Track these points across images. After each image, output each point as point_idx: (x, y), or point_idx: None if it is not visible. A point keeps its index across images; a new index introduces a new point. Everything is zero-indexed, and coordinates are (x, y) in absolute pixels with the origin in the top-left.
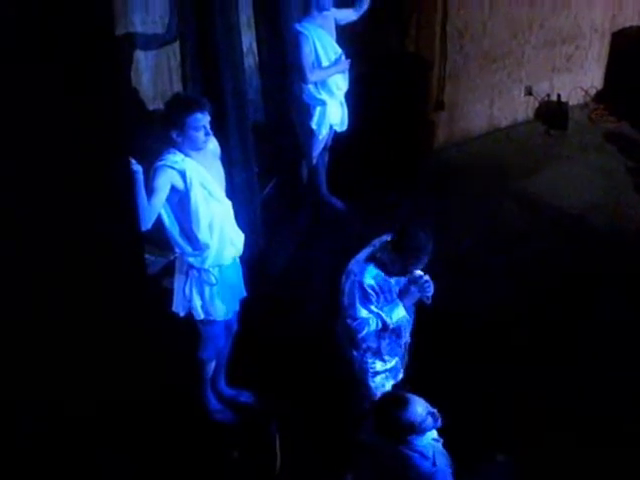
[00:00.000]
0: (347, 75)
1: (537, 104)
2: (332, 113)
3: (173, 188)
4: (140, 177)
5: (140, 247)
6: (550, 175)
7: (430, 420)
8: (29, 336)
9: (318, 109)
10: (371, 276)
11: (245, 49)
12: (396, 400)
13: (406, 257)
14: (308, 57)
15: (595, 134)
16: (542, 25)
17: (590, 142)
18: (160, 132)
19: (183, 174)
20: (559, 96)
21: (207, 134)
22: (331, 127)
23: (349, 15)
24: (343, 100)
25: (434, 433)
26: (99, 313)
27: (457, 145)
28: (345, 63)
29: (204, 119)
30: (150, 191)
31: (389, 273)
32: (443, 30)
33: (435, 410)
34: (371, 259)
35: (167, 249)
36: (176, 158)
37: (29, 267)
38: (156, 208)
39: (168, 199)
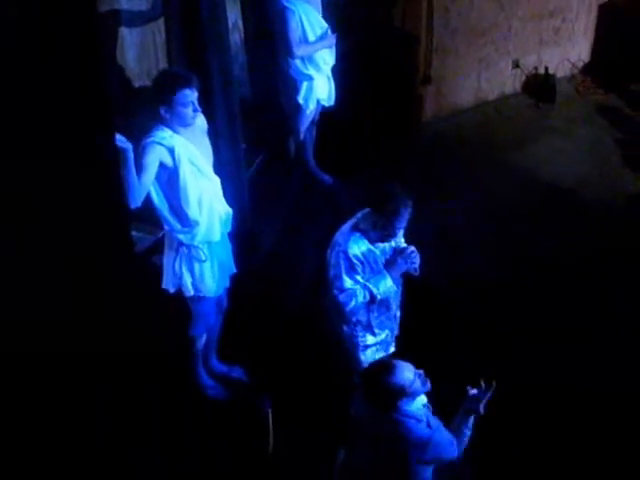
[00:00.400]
0: (334, 50)
1: (525, 77)
2: (319, 88)
3: (162, 165)
4: (130, 154)
5: (127, 224)
6: (538, 148)
7: (419, 382)
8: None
9: (305, 84)
10: (356, 245)
11: (231, 25)
12: (383, 365)
13: (386, 216)
14: (294, 32)
15: (583, 106)
16: None
17: (578, 114)
18: (148, 109)
19: (172, 150)
20: (547, 69)
21: (195, 110)
22: (318, 102)
23: None
24: (330, 75)
25: (424, 399)
26: (87, 291)
27: (445, 119)
28: (332, 38)
29: (192, 95)
30: (139, 168)
31: (374, 239)
32: (430, 4)
33: (422, 372)
34: (355, 229)
35: (156, 226)
36: (164, 134)
37: (14, 244)
38: (146, 185)
39: (157, 176)
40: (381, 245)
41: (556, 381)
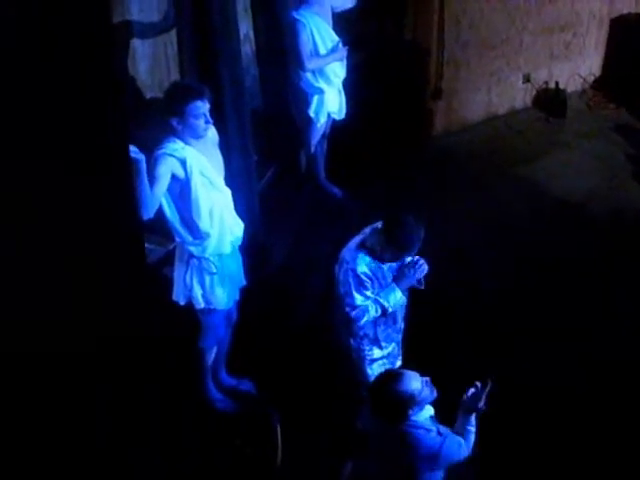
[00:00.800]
0: (344, 63)
1: (535, 92)
2: (330, 101)
3: (174, 176)
4: (142, 166)
5: (140, 235)
6: (549, 162)
7: (427, 390)
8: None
9: (316, 97)
10: (364, 263)
11: (242, 37)
12: (390, 375)
13: (398, 245)
14: (305, 45)
15: (593, 121)
16: (540, 12)
17: (588, 129)
18: (160, 120)
19: (183, 162)
20: (557, 83)
21: (207, 122)
22: (329, 115)
23: (345, 2)
24: (341, 88)
25: (431, 410)
26: (99, 303)
27: (455, 133)
28: (342, 51)
29: (204, 107)
30: (151, 180)
31: (381, 260)
32: (440, 18)
33: (429, 379)
34: (362, 247)
35: (167, 238)
36: (176, 146)
37: (29, 254)
38: (158, 197)
39: (169, 188)
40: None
41: (557, 381)
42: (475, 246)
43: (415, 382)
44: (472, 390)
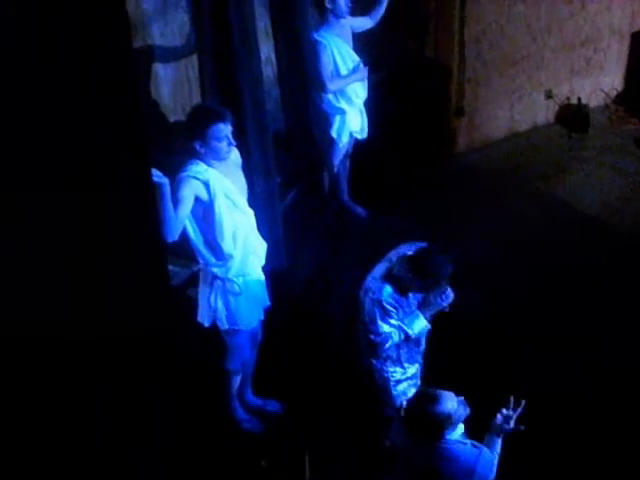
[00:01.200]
0: (366, 83)
1: (557, 107)
2: (352, 121)
3: (197, 199)
4: (166, 189)
5: (163, 258)
6: (572, 178)
7: (462, 409)
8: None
9: (338, 117)
10: (388, 294)
11: (264, 59)
12: (428, 396)
13: (425, 281)
14: (327, 66)
15: (616, 136)
16: (560, 28)
17: (611, 144)
18: (182, 143)
19: (207, 184)
20: (579, 99)
21: (230, 144)
22: (351, 135)
23: (365, 22)
24: (363, 108)
25: (462, 427)
26: (123, 324)
27: (478, 150)
28: (363, 71)
29: (226, 129)
30: (175, 202)
31: (408, 290)
32: (461, 35)
33: (462, 398)
34: (388, 277)
35: (191, 260)
36: (199, 168)
37: (52, 275)
38: (182, 219)
39: (192, 210)
40: None
41: (566, 387)
42: (496, 263)
43: (451, 402)
44: (504, 412)
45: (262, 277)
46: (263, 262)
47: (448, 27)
